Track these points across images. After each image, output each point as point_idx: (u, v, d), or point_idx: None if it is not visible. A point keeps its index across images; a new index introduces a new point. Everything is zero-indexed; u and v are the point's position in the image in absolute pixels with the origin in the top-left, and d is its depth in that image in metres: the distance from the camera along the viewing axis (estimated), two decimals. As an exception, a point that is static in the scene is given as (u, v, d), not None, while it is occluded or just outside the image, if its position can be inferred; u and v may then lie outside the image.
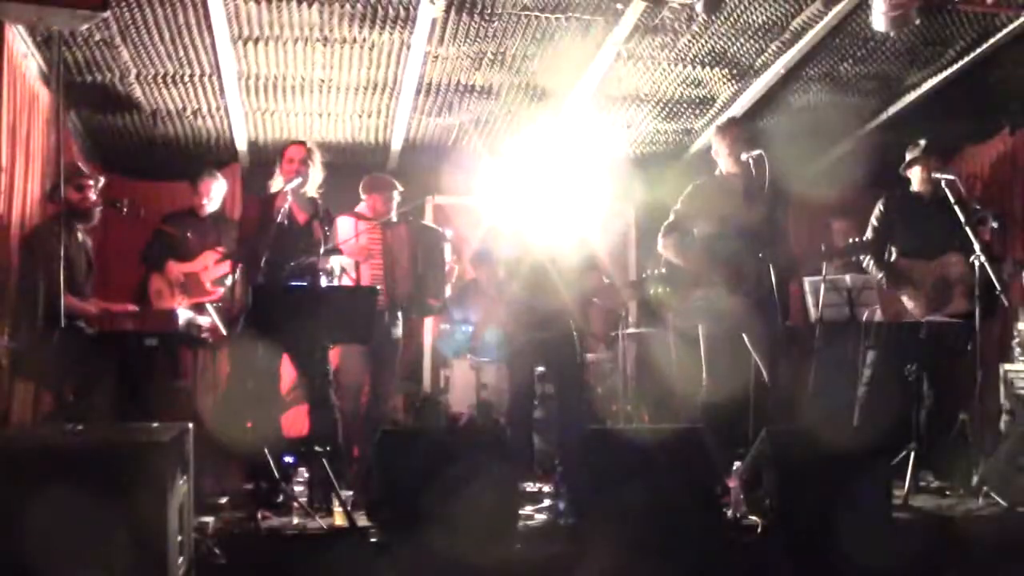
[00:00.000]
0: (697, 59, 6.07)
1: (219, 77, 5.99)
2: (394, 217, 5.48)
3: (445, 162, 7.46)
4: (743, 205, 4.91)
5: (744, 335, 4.93)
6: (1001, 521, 4.37)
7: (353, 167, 6.50)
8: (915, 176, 5.41)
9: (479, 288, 6.43)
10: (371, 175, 5.77)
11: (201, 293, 5.86)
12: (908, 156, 5.44)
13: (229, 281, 5.22)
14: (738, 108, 6.67)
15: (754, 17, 5.54)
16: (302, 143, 5.05)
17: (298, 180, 4.88)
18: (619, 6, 5.24)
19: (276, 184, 5.03)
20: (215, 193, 6.30)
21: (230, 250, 5.45)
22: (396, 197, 5.56)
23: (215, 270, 5.89)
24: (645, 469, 4.00)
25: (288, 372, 5.22)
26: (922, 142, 5.41)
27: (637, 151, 7.69)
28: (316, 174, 5.03)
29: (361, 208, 5.58)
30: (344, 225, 5.40)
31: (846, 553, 4.05)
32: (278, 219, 4.67)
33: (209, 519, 3.89)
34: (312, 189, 5.08)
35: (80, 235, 5.03)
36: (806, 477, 4.09)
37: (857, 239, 5.14)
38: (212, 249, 5.88)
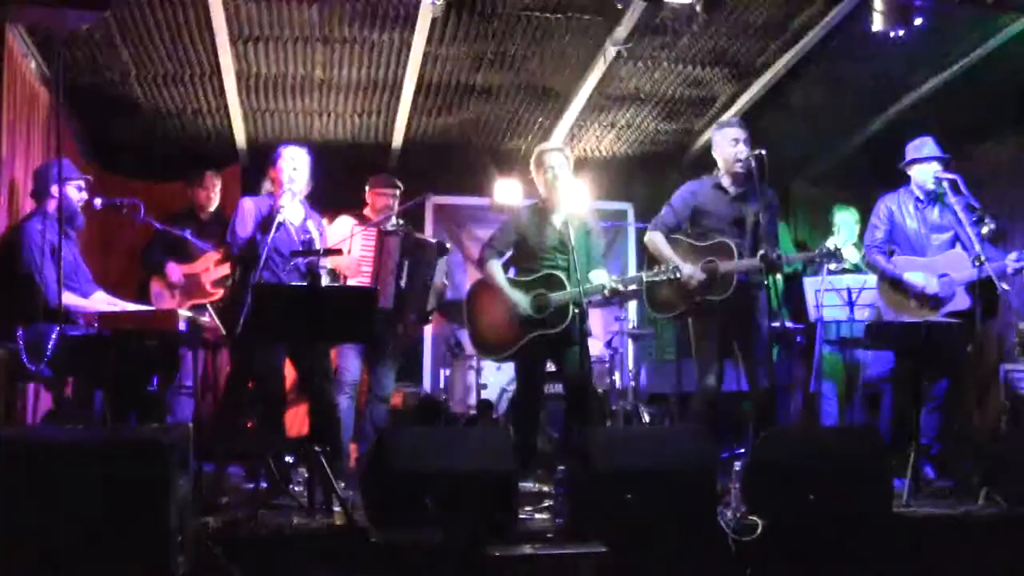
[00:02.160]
0: (697, 59, 6.08)
1: (219, 77, 5.99)
2: (390, 225, 5.47)
3: (445, 162, 7.47)
4: (738, 205, 4.93)
5: (733, 334, 4.96)
6: (1001, 521, 4.37)
7: (353, 167, 6.50)
8: (916, 174, 5.40)
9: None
10: (376, 174, 5.77)
11: (202, 294, 5.85)
12: (909, 154, 5.43)
13: (229, 282, 5.21)
14: (738, 108, 6.67)
15: (754, 17, 5.54)
16: (298, 145, 5.03)
17: (297, 180, 4.86)
18: (619, 6, 5.24)
19: (273, 185, 4.97)
20: (214, 194, 6.30)
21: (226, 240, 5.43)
22: (397, 196, 5.57)
23: (216, 271, 5.88)
24: (646, 469, 4.00)
25: (288, 372, 5.21)
26: (923, 139, 5.40)
27: (637, 151, 7.69)
28: (309, 177, 5.00)
29: (366, 212, 5.58)
30: (342, 225, 5.38)
31: (846, 554, 4.05)
32: (277, 219, 4.66)
33: (209, 519, 3.89)
34: (302, 192, 5.04)
35: (68, 233, 5.01)
36: (805, 478, 4.10)
37: (830, 247, 5.17)
38: (212, 250, 5.88)
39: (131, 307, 5.11)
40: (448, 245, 5.77)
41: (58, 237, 4.31)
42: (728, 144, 4.96)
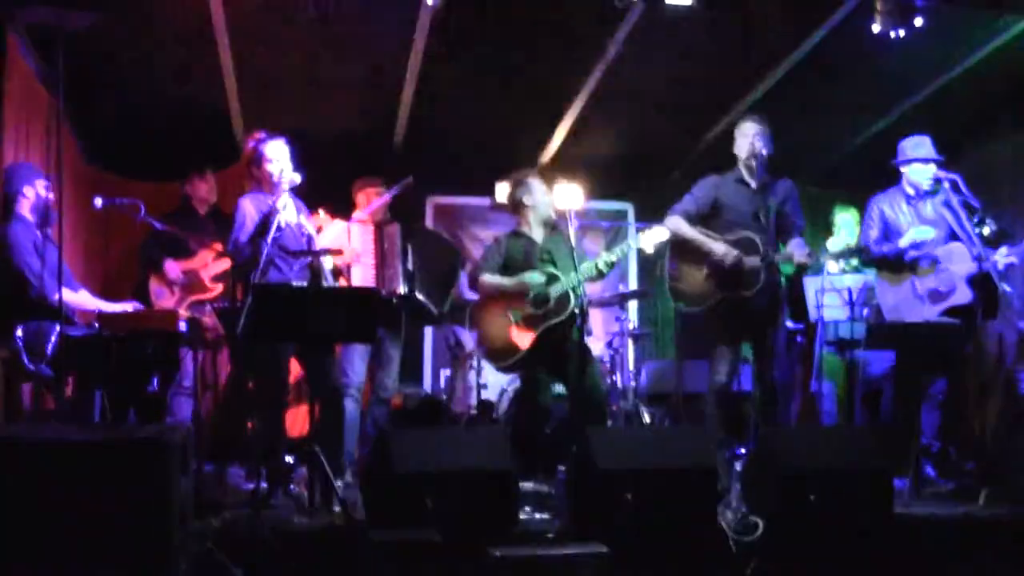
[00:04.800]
0: (697, 59, 6.07)
1: (219, 76, 5.99)
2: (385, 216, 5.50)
3: (445, 162, 7.47)
4: (758, 198, 5.02)
5: (748, 331, 5.04)
6: (1002, 521, 4.37)
7: (353, 165, 6.49)
8: (911, 173, 5.38)
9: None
10: (361, 176, 5.81)
11: (201, 290, 5.85)
12: (906, 152, 5.41)
13: (229, 278, 5.19)
14: (738, 108, 6.67)
15: (755, 17, 5.54)
16: (282, 140, 4.97)
17: (287, 175, 4.83)
18: (619, 5, 5.24)
19: (261, 183, 4.91)
20: (211, 190, 6.30)
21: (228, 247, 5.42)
22: (383, 189, 5.61)
23: (214, 266, 5.87)
24: (646, 469, 4.00)
25: (289, 371, 5.21)
26: (921, 138, 5.39)
27: (637, 151, 7.69)
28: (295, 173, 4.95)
29: (357, 214, 5.58)
30: (335, 228, 5.37)
31: (846, 554, 4.05)
32: (278, 219, 4.64)
33: (209, 519, 3.89)
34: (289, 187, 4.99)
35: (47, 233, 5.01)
36: (805, 478, 4.10)
37: (854, 246, 5.21)
38: (210, 246, 5.87)
39: (116, 307, 5.10)
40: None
41: (39, 237, 4.32)
42: (744, 138, 5.05)
